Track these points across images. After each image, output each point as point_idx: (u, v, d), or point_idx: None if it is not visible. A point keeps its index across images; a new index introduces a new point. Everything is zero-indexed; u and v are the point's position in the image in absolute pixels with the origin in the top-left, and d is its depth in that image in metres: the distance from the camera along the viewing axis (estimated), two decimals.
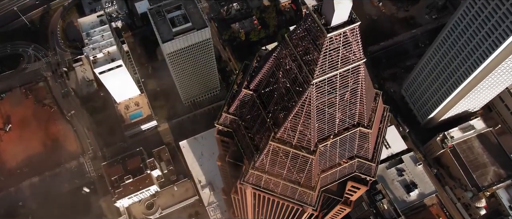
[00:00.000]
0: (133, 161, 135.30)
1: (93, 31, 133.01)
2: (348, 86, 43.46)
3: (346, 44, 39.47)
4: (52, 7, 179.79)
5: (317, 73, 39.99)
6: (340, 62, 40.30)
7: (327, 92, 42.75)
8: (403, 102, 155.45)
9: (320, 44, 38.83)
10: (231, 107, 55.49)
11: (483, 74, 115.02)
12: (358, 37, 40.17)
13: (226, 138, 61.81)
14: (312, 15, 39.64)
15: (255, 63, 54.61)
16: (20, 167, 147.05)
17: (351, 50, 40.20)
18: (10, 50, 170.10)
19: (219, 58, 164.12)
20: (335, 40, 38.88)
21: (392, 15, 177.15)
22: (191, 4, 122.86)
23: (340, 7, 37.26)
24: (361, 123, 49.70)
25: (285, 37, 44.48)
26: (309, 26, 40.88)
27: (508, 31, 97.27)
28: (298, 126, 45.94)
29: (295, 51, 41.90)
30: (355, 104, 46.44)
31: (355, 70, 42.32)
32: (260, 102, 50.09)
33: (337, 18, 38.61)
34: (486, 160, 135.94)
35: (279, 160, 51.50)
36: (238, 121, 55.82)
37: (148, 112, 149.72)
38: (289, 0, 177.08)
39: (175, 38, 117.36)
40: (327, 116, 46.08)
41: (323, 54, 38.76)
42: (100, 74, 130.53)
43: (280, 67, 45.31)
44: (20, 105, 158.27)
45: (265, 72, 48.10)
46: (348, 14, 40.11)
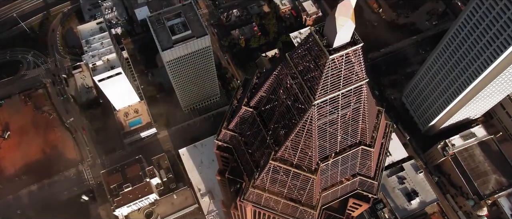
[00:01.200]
0: (132, 169, 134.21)
1: (93, 38, 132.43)
2: (350, 105, 42.87)
3: (348, 64, 38.90)
4: (52, 13, 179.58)
5: (318, 94, 39.41)
6: (342, 83, 39.71)
7: (329, 111, 42.15)
8: (404, 109, 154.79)
9: (322, 64, 38.28)
10: (231, 124, 54.74)
11: (485, 82, 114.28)
12: (360, 57, 39.57)
13: (225, 153, 60.99)
14: (314, 36, 39.06)
15: (255, 79, 53.88)
16: (19, 175, 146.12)
17: (353, 70, 39.65)
18: (9, 56, 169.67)
19: (219, 65, 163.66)
20: (337, 61, 38.32)
21: (392, 22, 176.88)
22: (191, 12, 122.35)
23: (343, 29, 36.62)
24: (363, 141, 49.05)
25: (286, 56, 43.90)
26: (310, 46, 40.30)
27: (509, 39, 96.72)
28: (299, 145, 45.29)
29: (296, 71, 41.32)
30: (357, 122, 45.85)
31: (358, 90, 41.73)
32: (260, 120, 49.48)
33: (340, 40, 38.01)
34: (488, 168, 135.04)
35: (279, 178, 50.79)
36: (238, 138, 55.10)
37: (148, 119, 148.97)
38: (289, 7, 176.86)
39: (174, 46, 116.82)
40: (329, 135, 45.44)
41: (324, 75, 38.19)
42: (99, 81, 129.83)
43: (281, 86, 44.70)
44: (19, 112, 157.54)
45: (266, 89, 47.47)
46: (350, 35, 39.47)
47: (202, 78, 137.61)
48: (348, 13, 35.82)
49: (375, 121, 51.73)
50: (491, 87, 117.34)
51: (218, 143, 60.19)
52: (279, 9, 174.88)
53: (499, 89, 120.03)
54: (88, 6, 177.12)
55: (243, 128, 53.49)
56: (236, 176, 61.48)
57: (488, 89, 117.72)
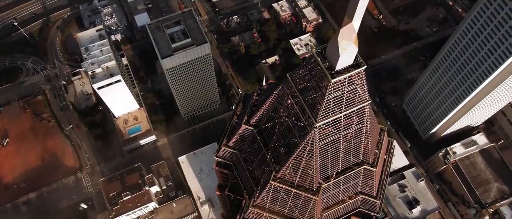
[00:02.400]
0: (132, 177, 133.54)
1: (92, 45, 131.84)
2: (352, 126, 42.20)
3: (351, 87, 38.22)
4: (51, 19, 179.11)
5: (320, 116, 38.74)
6: (344, 105, 39.05)
7: (331, 132, 41.45)
8: (405, 117, 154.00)
9: (324, 87, 37.60)
10: (230, 141, 54.03)
11: (487, 90, 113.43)
12: (363, 79, 38.85)
13: (225, 170, 60.16)
14: (316, 59, 38.35)
15: (256, 96, 53.16)
16: (17, 183, 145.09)
17: (356, 92, 38.95)
18: (8, 63, 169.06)
19: (219, 72, 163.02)
20: (340, 84, 37.64)
21: (393, 28, 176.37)
22: (190, 19, 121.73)
23: (346, 53, 35.95)
24: (366, 161, 48.31)
25: (287, 76, 43.22)
26: (312, 67, 39.63)
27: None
28: (300, 165, 44.58)
29: (297, 91, 40.63)
30: (360, 143, 45.17)
31: (360, 111, 41.06)
32: (260, 138, 48.77)
33: (342, 63, 37.33)
34: (489, 176, 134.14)
35: (280, 198, 50.05)
36: (237, 155, 54.35)
37: (147, 126, 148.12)
38: (289, 13, 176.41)
39: (174, 54, 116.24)
40: (331, 156, 44.75)
41: (326, 98, 37.50)
42: (99, 89, 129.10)
43: (282, 105, 43.99)
44: (18, 119, 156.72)
45: (266, 109, 46.76)
46: (353, 58, 38.76)
47: (202, 85, 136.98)
48: (351, 37, 35.11)
49: (378, 139, 51.00)
50: (493, 95, 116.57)
51: (218, 159, 59.29)
52: (279, 16, 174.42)
53: (501, 96, 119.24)
54: (87, 12, 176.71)
55: (243, 145, 52.76)
56: (236, 193, 60.64)
57: (490, 97, 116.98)
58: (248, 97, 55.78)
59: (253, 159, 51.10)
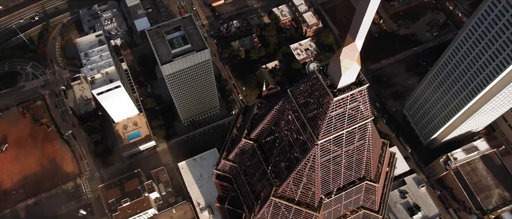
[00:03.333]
0: (131, 183, 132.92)
1: (92, 51, 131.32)
2: (354, 143, 41.63)
3: (353, 104, 37.68)
4: (51, 24, 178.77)
5: (322, 134, 38.20)
6: (346, 122, 38.53)
7: (332, 150, 40.87)
8: (405, 122, 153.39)
9: (326, 104, 37.03)
10: (230, 154, 53.39)
11: (489, 96, 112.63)
12: (366, 97, 38.28)
13: (225, 183, 59.51)
14: (317, 76, 37.78)
15: (256, 109, 52.57)
16: (16, 188, 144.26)
17: (358, 109, 38.42)
18: (8, 67, 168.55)
19: (219, 76, 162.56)
20: (342, 102, 37.10)
21: (393, 33, 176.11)
22: (190, 25, 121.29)
23: (348, 71, 35.40)
24: (368, 176, 47.71)
25: (288, 92, 42.65)
26: (313, 83, 39.07)
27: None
28: (301, 182, 43.99)
29: (298, 108, 40.05)
30: (362, 158, 44.61)
31: (362, 127, 40.52)
32: (260, 153, 48.18)
33: (344, 81, 36.75)
34: (491, 183, 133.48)
35: (281, 214, 49.38)
36: (237, 168, 53.72)
37: (147, 132, 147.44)
38: (289, 18, 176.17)
39: (174, 60, 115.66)
40: (332, 172, 44.10)
41: (328, 116, 36.96)
42: (98, 95, 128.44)
43: (282, 121, 43.44)
44: (17, 124, 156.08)
45: (267, 123, 46.20)
46: (355, 76, 38.17)
47: (202, 91, 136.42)
48: (354, 56, 34.52)
49: (380, 153, 50.40)
50: (495, 101, 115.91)
51: (217, 172, 58.62)
52: (279, 20, 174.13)
53: (503, 102, 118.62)
54: (87, 17, 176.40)
55: (243, 159, 52.13)
56: (236, 206, 59.97)
57: (491, 103, 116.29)
58: (249, 109, 55.17)
59: (253, 173, 50.50)
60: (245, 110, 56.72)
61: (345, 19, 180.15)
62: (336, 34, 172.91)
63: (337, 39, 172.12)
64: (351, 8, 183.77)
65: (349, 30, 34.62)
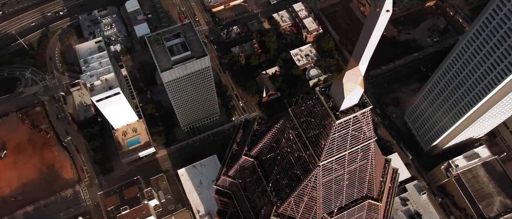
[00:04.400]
0: (130, 190, 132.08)
1: (91, 57, 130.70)
2: (357, 162, 41.00)
3: (356, 125, 37.09)
4: (51, 29, 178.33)
5: (324, 156, 37.58)
6: (349, 143, 37.95)
7: (334, 170, 40.23)
8: (406, 128, 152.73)
9: (328, 126, 36.41)
10: (230, 170, 52.73)
11: (491, 103, 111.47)
12: (369, 118, 37.63)
13: (225, 198, 58.76)
14: (319, 98, 37.15)
15: (256, 125, 51.92)
16: (15, 195, 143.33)
17: (361, 130, 37.82)
18: (7, 73, 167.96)
19: (219, 82, 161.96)
20: (344, 124, 36.50)
21: (394, 38, 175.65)
22: (190, 32, 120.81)
23: (351, 94, 34.74)
24: (370, 195, 47.03)
25: (289, 111, 42.00)
26: (315, 104, 38.45)
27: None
28: (302, 202, 43.36)
29: (300, 128, 39.46)
30: (364, 177, 43.97)
31: (365, 147, 39.90)
32: (261, 170, 47.51)
33: (347, 103, 36.11)
34: (492, 190, 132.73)
35: None
36: (237, 184, 53.03)
37: (146, 138, 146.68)
38: (289, 23, 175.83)
39: (174, 67, 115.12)
40: (334, 191, 43.45)
41: (331, 138, 36.35)
42: (97, 102, 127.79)
43: (283, 140, 42.80)
44: (16, 130, 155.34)
45: (267, 141, 45.55)
46: (359, 98, 37.52)
47: (202, 97, 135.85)
48: (357, 80, 33.93)
49: (383, 170, 49.71)
50: (497, 108, 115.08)
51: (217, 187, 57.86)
52: (279, 26, 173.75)
53: (505, 109, 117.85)
54: (87, 22, 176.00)
55: (243, 175, 51.41)
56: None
57: (493, 110, 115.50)
58: (249, 123, 54.54)
59: (253, 189, 49.80)
60: (245, 125, 56.12)
61: (345, 25, 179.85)
62: (336, 39, 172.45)
63: (337, 44, 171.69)
64: (351, 13, 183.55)
65: (352, 54, 34.02)
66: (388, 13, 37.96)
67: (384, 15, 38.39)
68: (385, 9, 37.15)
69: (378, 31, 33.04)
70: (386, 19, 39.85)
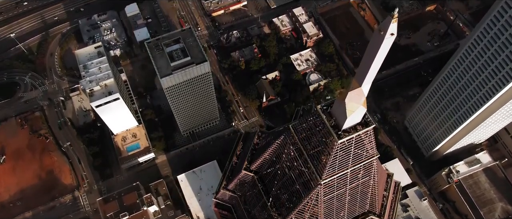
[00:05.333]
0: (129, 196, 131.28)
1: (90, 63, 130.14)
2: (359, 179, 40.45)
3: (358, 144, 36.54)
4: (50, 34, 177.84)
5: (326, 174, 37.02)
6: (351, 162, 37.40)
7: (336, 187, 39.65)
8: (407, 133, 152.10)
9: (330, 144, 35.83)
10: (230, 184, 52.20)
11: (493, 109, 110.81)
12: (372, 137, 37.09)
13: (224, 211, 58.11)
14: (321, 116, 36.57)
15: (256, 139, 51.35)
16: (13, 201, 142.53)
17: (363, 148, 37.26)
18: (6, 78, 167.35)
19: (219, 87, 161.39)
20: (347, 143, 35.94)
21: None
22: (190, 37, 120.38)
23: (354, 114, 34.16)
24: (372, 211, 46.45)
25: (290, 128, 41.43)
26: (316, 122, 37.87)
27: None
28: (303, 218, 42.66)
29: (301, 145, 38.88)
30: (366, 194, 43.39)
31: (368, 165, 39.36)
32: (261, 185, 46.95)
33: (350, 122, 35.56)
34: (494, 196, 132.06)
35: None
36: (237, 198, 52.42)
37: (146, 144, 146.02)
38: (289, 28, 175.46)
39: (173, 73, 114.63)
40: (336, 209, 42.85)
41: (333, 157, 35.78)
42: (97, 107, 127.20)
43: (284, 156, 42.24)
44: (15, 135, 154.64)
45: (267, 157, 44.98)
46: (361, 117, 36.97)
47: (202, 103, 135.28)
48: (360, 100, 33.38)
49: (385, 186, 49.13)
50: (499, 114, 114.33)
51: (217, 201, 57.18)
52: (279, 31, 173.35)
53: (507, 115, 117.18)
54: (87, 27, 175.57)
55: (243, 189, 50.81)
56: None
57: (495, 116, 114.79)
58: (249, 136, 53.93)
59: (253, 204, 49.22)
60: (245, 137, 55.53)
61: (345, 29, 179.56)
62: (336, 44, 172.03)
63: (337, 49, 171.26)
64: (352, 18, 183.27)
65: (355, 75, 33.52)
66: (392, 36, 37.52)
67: (388, 38, 37.97)
68: (390, 33, 36.70)
69: (382, 54, 32.59)
70: (390, 43, 39.45)
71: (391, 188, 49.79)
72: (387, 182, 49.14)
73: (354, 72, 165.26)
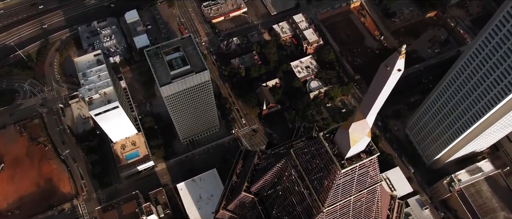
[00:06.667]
0: (129, 205, 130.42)
1: (90, 71, 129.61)
2: (362, 204, 39.61)
3: (362, 170, 35.74)
4: (50, 41, 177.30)
5: (328, 202, 36.19)
6: (354, 189, 36.54)
7: (339, 214, 38.79)
8: (408, 141, 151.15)
9: (332, 172, 34.99)
10: (229, 204, 51.31)
11: (496, 117, 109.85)
12: (376, 164, 36.26)
13: None
14: (323, 144, 35.76)
15: (257, 160, 50.52)
16: (12, 209, 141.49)
17: (367, 175, 36.46)
18: (5, 85, 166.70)
19: (219, 94, 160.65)
20: (350, 171, 35.14)
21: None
22: (190, 46, 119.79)
23: (357, 144, 33.35)
24: None
25: (291, 153, 40.61)
26: (318, 148, 37.02)
27: None
28: None
29: (303, 171, 38.01)
30: (370, 218, 42.47)
31: (371, 191, 38.53)
32: (262, 207, 46.11)
33: (353, 151, 34.73)
34: (496, 205, 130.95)
35: None
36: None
37: (145, 151, 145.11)
38: (289, 35, 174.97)
39: (173, 82, 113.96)
40: None
41: (336, 185, 34.97)
42: (96, 116, 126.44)
43: (284, 177, 41.41)
44: (14, 143, 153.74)
45: (268, 179, 44.14)
46: (365, 145, 36.13)
47: (202, 111, 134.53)
48: (365, 131, 32.58)
49: (389, 206, 48.29)
50: (502, 122, 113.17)
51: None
52: (279, 37, 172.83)
53: (509, 123, 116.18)
54: (86, 34, 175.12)
55: (243, 209, 49.95)
56: None
57: (498, 124, 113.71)
58: (249, 154, 53.08)
59: None
60: (245, 156, 54.65)
61: (346, 36, 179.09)
62: (337, 51, 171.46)
63: (338, 56, 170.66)
64: (352, 25, 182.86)
65: (360, 106, 32.78)
66: (399, 72, 36.89)
67: (395, 74, 37.37)
68: (397, 69, 36.03)
69: (388, 89, 32.03)
70: (397, 78, 38.73)
71: (394, 209, 49.05)
72: (390, 204, 48.34)
73: (354, 79, 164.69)
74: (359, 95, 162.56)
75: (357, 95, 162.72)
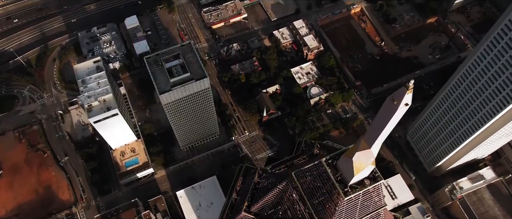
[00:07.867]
0: (128, 213, 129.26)
1: (89, 78, 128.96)
2: None
3: (366, 196, 34.94)
4: (49, 47, 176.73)
5: None
6: (357, 214, 35.72)
7: None
8: (408, 148, 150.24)
9: (335, 199, 34.22)
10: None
11: (498, 125, 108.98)
12: (380, 190, 35.49)
13: None
14: (326, 170, 35.00)
15: (257, 178, 49.67)
16: (10, 216, 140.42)
17: (371, 200, 35.69)
18: (4, 91, 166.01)
19: (219, 101, 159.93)
20: (354, 198, 34.38)
21: (395, 55, 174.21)
22: (189, 53, 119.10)
23: (361, 172, 32.61)
24: None
25: (293, 175, 39.83)
26: (320, 173, 36.26)
27: None
28: None
29: (304, 194, 37.20)
30: None
31: (375, 215, 37.72)
32: None
33: (357, 178, 33.97)
34: (498, 213, 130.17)
35: None
36: None
37: (145, 159, 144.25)
38: (290, 41, 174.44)
39: (173, 89, 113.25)
40: None
41: (338, 213, 34.17)
42: (95, 123, 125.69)
43: (285, 199, 40.62)
44: (13, 149, 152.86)
45: (268, 200, 43.31)
46: (369, 172, 35.37)
47: (201, 118, 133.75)
48: (369, 161, 31.83)
49: None
50: (504, 130, 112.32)
51: None
52: (280, 43, 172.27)
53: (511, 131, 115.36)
54: (86, 39, 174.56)
55: None
56: None
57: (501, 132, 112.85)
58: (249, 171, 52.21)
59: None
60: (245, 172, 53.80)
61: (346, 42, 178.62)
62: (337, 57, 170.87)
63: (338, 62, 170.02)
64: (352, 30, 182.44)
65: (364, 135, 32.07)
66: (406, 107, 35.99)
67: (402, 108, 36.52)
68: (404, 103, 35.16)
69: (394, 122, 31.36)
70: (403, 112, 37.83)
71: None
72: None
73: (355, 85, 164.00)
74: (359, 101, 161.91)
75: (357, 102, 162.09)
